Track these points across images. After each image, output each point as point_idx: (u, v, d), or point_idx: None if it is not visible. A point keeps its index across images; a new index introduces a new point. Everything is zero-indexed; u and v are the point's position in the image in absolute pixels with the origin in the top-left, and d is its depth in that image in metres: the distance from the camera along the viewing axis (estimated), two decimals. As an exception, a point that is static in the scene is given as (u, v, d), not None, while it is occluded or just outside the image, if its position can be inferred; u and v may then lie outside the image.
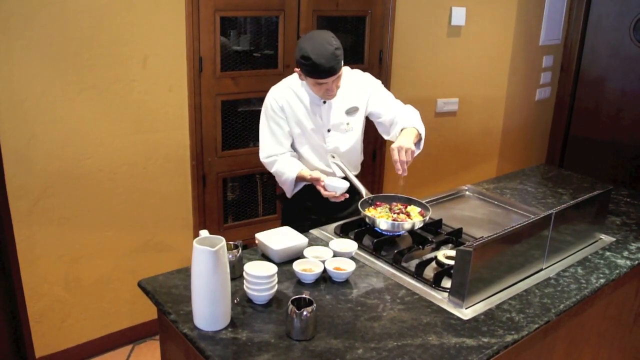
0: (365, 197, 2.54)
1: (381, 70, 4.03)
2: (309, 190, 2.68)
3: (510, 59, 4.45)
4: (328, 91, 2.48)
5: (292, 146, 2.71)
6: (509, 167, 4.67)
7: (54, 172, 2.90)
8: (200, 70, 3.25)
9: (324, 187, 2.49)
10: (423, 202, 2.54)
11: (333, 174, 2.69)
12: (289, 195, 2.72)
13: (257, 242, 2.22)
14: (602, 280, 2.14)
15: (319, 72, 2.37)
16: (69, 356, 3.20)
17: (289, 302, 1.70)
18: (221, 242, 1.69)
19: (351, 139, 2.70)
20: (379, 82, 2.74)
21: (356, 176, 2.66)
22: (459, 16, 4.13)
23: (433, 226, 2.51)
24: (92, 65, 2.88)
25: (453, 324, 1.82)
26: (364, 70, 4.00)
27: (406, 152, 2.37)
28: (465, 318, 1.86)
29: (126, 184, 3.15)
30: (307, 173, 2.56)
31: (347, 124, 2.66)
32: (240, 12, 3.40)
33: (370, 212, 2.45)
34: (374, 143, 4.18)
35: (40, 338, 3.08)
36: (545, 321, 1.88)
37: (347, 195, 2.50)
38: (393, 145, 2.40)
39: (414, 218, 2.42)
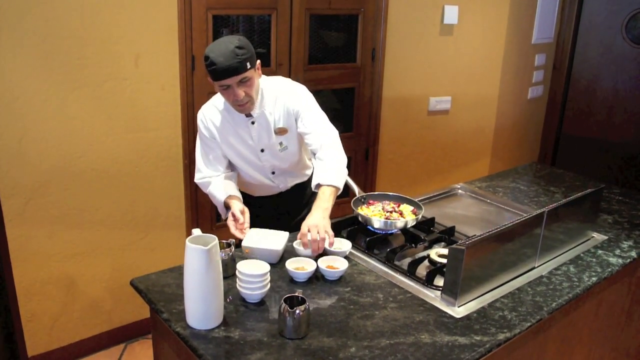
0: (357, 195, 2.54)
1: (374, 68, 4.04)
2: (256, 201, 2.61)
3: (503, 58, 4.46)
4: (236, 98, 2.23)
5: (230, 164, 2.57)
6: (501, 165, 4.69)
7: (46, 170, 2.89)
8: (192, 69, 3.24)
9: (236, 221, 2.33)
10: (416, 200, 2.55)
11: (277, 187, 2.60)
12: (223, 217, 2.53)
13: (247, 251, 2.18)
14: (594, 279, 2.15)
15: (218, 72, 2.15)
16: (62, 355, 3.19)
17: (282, 301, 1.70)
18: (214, 240, 1.69)
19: (289, 157, 2.53)
20: (309, 97, 2.49)
21: (348, 174, 2.65)
22: (451, 14, 4.14)
23: (426, 224, 2.51)
24: (84, 64, 2.87)
25: (445, 322, 1.83)
26: (357, 69, 4.01)
27: (319, 230, 2.17)
28: (458, 316, 1.86)
29: (119, 183, 3.14)
30: (232, 206, 2.37)
31: (280, 144, 2.46)
32: (232, 11, 3.39)
33: (363, 211, 2.46)
34: (367, 142, 4.19)
35: (33, 337, 3.07)
36: (538, 319, 1.89)
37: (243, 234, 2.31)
38: (304, 223, 2.21)
39: (407, 216, 2.42)
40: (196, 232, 1.81)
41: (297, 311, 1.68)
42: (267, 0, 3.43)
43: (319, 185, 2.34)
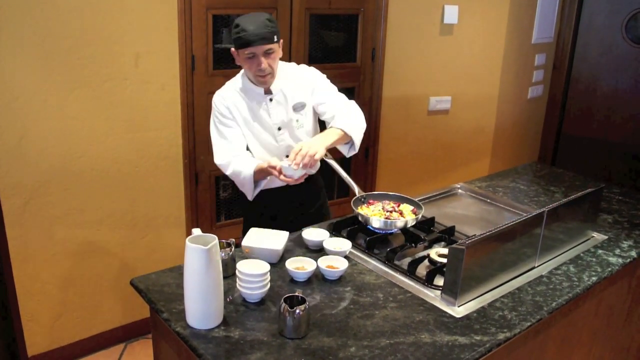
0: (357, 195, 2.54)
1: (374, 68, 4.04)
2: (270, 194, 2.64)
3: (503, 57, 4.46)
4: (259, 67, 2.36)
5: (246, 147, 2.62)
6: (501, 165, 4.69)
7: (46, 170, 2.89)
8: (192, 69, 3.24)
9: (279, 171, 2.36)
10: (415, 200, 2.54)
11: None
12: (250, 197, 2.58)
13: (247, 251, 2.18)
14: (594, 278, 2.15)
15: (247, 38, 2.28)
16: (62, 355, 3.20)
17: (282, 300, 1.70)
18: (214, 240, 1.69)
19: (304, 136, 2.63)
20: (324, 76, 2.66)
21: (348, 174, 2.65)
22: (451, 14, 4.14)
23: (426, 224, 2.51)
24: (84, 64, 2.87)
25: (445, 322, 1.83)
26: (357, 69, 4.01)
27: (309, 148, 2.28)
28: (458, 316, 1.86)
29: (118, 183, 3.14)
30: (264, 164, 2.41)
31: (297, 120, 2.58)
32: (232, 10, 3.39)
33: (363, 210, 2.46)
34: (367, 141, 4.18)
35: (33, 337, 3.07)
36: (538, 319, 1.89)
37: (306, 175, 2.41)
38: (298, 144, 2.33)
39: (407, 216, 2.42)
40: (196, 231, 1.81)
41: (297, 311, 1.68)
42: (267, 0, 3.43)
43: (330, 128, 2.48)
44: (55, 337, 3.16)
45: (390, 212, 2.44)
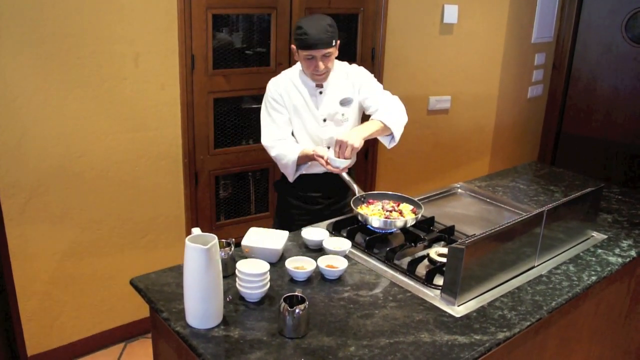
0: (357, 194, 2.54)
1: (373, 67, 4.03)
2: (309, 179, 2.77)
3: (503, 57, 4.46)
4: (316, 68, 2.54)
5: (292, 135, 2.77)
6: (501, 164, 4.69)
7: (45, 170, 2.89)
8: (192, 68, 3.24)
9: (327, 161, 2.50)
10: (415, 199, 2.54)
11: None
12: (290, 179, 2.73)
13: (246, 250, 2.18)
14: (593, 278, 2.15)
15: (309, 42, 2.46)
16: (61, 354, 3.20)
17: (281, 300, 1.70)
18: (213, 240, 1.69)
19: (347, 130, 2.73)
20: (371, 75, 2.79)
21: (349, 173, 2.66)
22: (451, 14, 4.13)
23: (425, 224, 2.51)
24: (84, 63, 2.87)
25: (445, 322, 1.83)
26: (357, 68, 3.99)
27: (346, 147, 2.44)
28: (458, 315, 1.86)
29: (118, 182, 3.14)
30: (310, 150, 2.59)
31: (342, 114, 2.72)
32: (232, 10, 3.39)
33: (362, 210, 2.46)
34: (366, 142, 4.17)
35: (33, 336, 3.07)
36: (537, 318, 1.89)
37: (350, 166, 2.54)
38: (337, 137, 2.47)
39: (406, 216, 2.42)
40: (196, 231, 1.81)
41: (297, 310, 1.68)
42: (267, 0, 3.42)
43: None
44: (54, 336, 3.16)
45: (390, 211, 2.44)
